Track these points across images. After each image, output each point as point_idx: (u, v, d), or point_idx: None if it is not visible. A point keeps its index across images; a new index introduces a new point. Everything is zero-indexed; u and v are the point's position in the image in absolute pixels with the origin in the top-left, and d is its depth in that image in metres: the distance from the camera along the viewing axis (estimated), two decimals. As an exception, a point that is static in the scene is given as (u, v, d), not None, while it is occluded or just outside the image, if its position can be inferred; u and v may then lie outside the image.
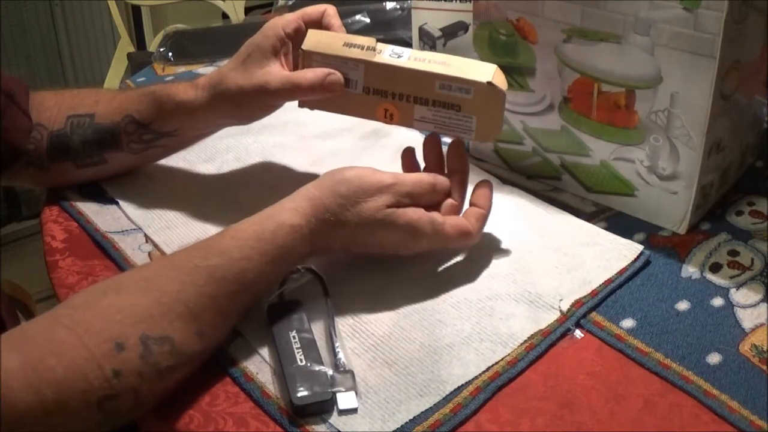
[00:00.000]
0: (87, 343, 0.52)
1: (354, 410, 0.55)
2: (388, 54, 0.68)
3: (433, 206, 0.66)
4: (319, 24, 0.73)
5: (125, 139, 0.75)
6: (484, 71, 0.66)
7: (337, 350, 0.59)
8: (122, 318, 0.54)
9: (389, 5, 1.15)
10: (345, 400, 0.55)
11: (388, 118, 0.70)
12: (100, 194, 0.80)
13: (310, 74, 0.69)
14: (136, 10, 2.16)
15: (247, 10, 2.00)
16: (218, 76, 0.72)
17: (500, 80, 0.67)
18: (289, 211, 0.62)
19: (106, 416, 0.52)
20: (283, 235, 0.61)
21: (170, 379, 0.55)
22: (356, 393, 0.56)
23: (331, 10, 0.74)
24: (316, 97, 0.71)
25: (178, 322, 0.55)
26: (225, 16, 1.98)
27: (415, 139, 0.89)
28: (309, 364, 0.57)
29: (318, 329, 0.62)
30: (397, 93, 0.69)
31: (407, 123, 0.70)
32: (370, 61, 0.68)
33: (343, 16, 1.16)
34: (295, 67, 0.72)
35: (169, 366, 0.54)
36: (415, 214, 0.64)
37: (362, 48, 0.69)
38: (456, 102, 0.67)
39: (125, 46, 1.94)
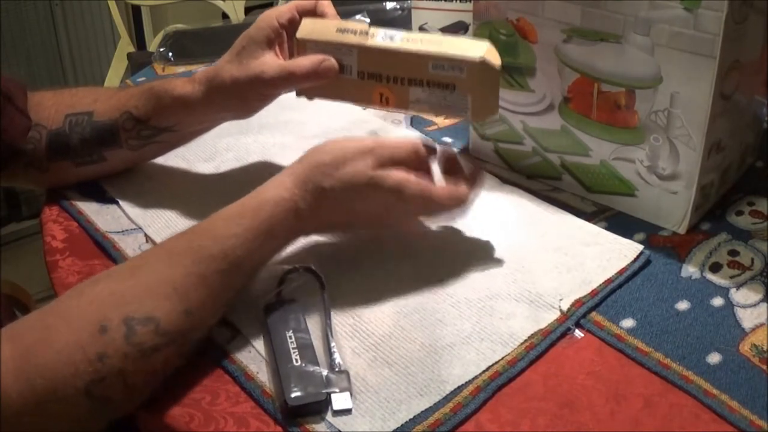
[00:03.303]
0: (72, 328, 0.53)
1: (348, 411, 0.55)
2: (380, 37, 0.68)
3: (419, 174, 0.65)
4: (313, 14, 0.73)
5: (124, 135, 0.75)
6: (477, 48, 0.66)
7: (332, 350, 0.59)
8: (107, 302, 0.55)
9: (389, 5, 1.15)
10: (339, 400, 0.55)
11: (384, 103, 0.70)
12: (101, 194, 0.79)
13: (304, 61, 0.69)
14: (136, 10, 2.16)
15: (247, 10, 1.99)
16: (214, 70, 0.72)
17: (493, 57, 0.66)
18: (272, 188, 0.62)
19: (96, 403, 0.52)
20: (268, 209, 0.61)
21: (156, 359, 0.55)
22: (351, 393, 0.56)
23: (324, 1, 0.74)
24: (311, 84, 0.71)
25: (164, 301, 0.55)
26: (225, 16, 1.98)
27: (415, 138, 0.89)
28: (304, 365, 0.57)
29: (315, 329, 0.62)
30: (391, 76, 0.69)
31: (403, 106, 0.70)
32: (362, 45, 0.68)
33: (343, 16, 1.16)
34: (291, 57, 0.73)
35: (154, 345, 0.54)
36: (399, 174, 0.63)
37: (355, 33, 0.69)
38: (450, 81, 0.67)
39: (125, 46, 1.94)
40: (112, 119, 0.75)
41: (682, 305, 0.64)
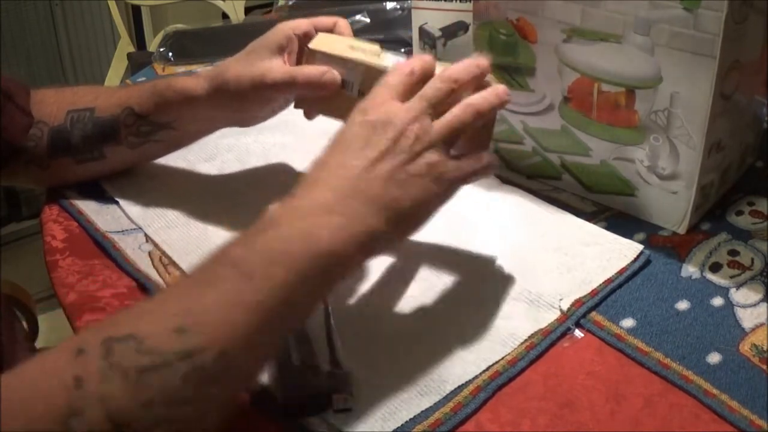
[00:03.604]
0: (50, 356, 0.46)
1: (349, 410, 0.55)
2: (388, 61, 0.69)
3: None
4: (330, 33, 0.74)
5: (124, 132, 0.75)
6: None
7: (332, 350, 0.59)
8: (89, 328, 0.50)
9: (389, 5, 1.15)
10: (339, 400, 0.55)
11: None
12: (101, 194, 0.80)
13: (308, 69, 0.70)
14: (136, 10, 2.16)
15: (247, 10, 2.00)
16: (220, 67, 0.73)
17: None
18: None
19: None
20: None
21: (146, 385, 0.45)
22: (352, 393, 0.56)
23: (342, 23, 0.74)
24: (311, 93, 0.71)
25: (147, 317, 0.48)
26: (225, 16, 1.98)
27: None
28: (305, 364, 0.57)
29: (316, 328, 0.61)
30: None
31: None
32: (368, 64, 0.68)
33: (343, 16, 1.16)
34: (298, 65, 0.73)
35: (139, 366, 0.45)
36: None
37: (365, 52, 0.69)
38: None
39: (125, 46, 1.94)
40: (114, 115, 0.75)
41: (682, 305, 0.64)
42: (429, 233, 0.72)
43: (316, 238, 0.51)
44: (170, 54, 1.13)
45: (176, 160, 0.83)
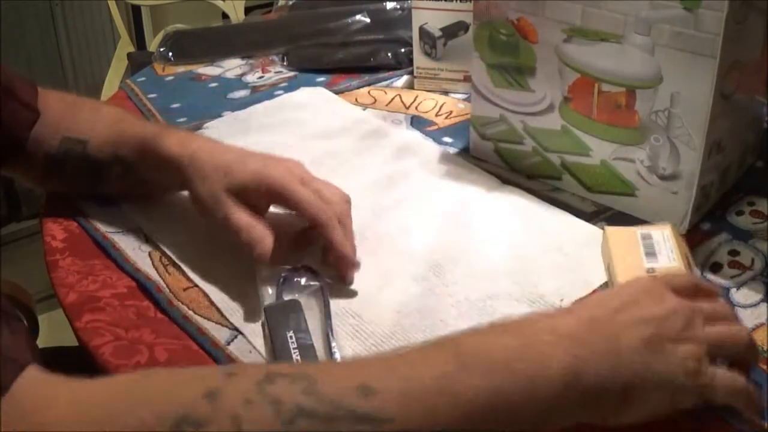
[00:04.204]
0: (195, 369, 0.43)
1: None
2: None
3: None
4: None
5: (114, 176, 0.75)
6: None
7: (333, 351, 0.59)
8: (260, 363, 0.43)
9: (389, 5, 1.15)
10: None
11: None
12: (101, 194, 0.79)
13: (255, 233, 0.63)
14: (136, 10, 2.17)
15: (247, 10, 2.00)
16: (200, 161, 0.68)
17: None
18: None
19: None
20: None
21: (299, 426, 0.39)
22: None
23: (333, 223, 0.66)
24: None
25: (333, 367, 0.45)
26: (225, 16, 1.98)
27: (416, 139, 0.89)
28: (307, 365, 0.57)
29: (316, 330, 0.62)
30: None
31: None
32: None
33: (343, 16, 1.16)
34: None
35: (300, 406, 0.39)
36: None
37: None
38: None
39: (125, 46, 1.95)
40: (105, 155, 0.74)
41: (683, 305, 0.64)
42: (429, 233, 0.72)
43: (545, 358, 0.45)
44: (170, 54, 1.13)
45: (176, 160, 0.83)
